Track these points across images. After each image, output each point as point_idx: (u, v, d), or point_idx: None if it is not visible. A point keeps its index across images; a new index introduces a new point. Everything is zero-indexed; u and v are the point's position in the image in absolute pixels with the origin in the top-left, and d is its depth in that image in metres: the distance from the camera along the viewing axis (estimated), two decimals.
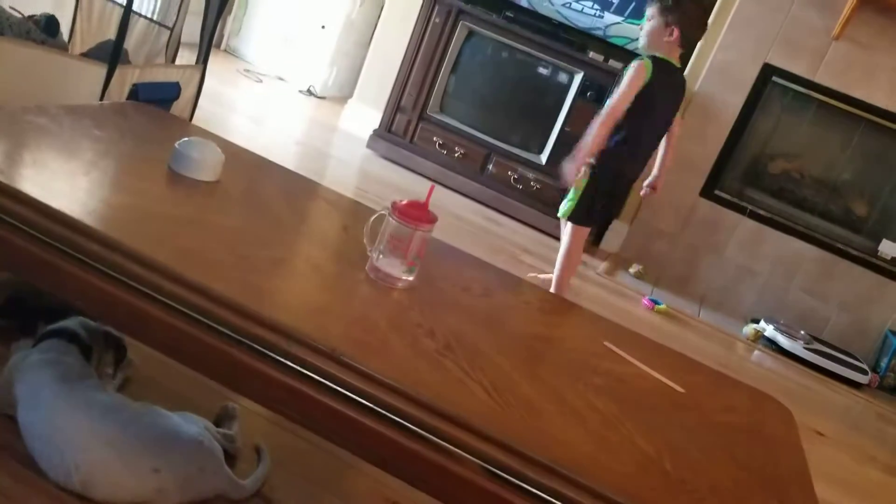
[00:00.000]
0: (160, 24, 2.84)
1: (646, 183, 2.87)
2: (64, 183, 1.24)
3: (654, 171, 2.86)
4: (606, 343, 1.48)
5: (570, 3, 3.90)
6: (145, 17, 2.90)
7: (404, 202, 1.33)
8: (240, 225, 1.37)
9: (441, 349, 1.17)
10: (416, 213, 1.32)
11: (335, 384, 1.02)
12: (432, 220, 1.34)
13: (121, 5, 2.53)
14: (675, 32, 2.53)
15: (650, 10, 2.59)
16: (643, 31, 2.62)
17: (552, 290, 2.82)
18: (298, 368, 1.02)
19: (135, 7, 2.81)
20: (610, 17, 3.77)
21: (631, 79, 2.51)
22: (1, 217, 1.10)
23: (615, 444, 1.10)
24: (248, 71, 4.76)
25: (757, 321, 3.64)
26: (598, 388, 1.28)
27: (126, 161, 1.46)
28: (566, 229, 2.80)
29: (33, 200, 1.11)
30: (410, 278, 1.36)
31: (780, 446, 1.34)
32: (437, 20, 3.90)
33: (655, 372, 1.44)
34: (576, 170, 2.53)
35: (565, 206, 2.73)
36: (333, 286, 1.30)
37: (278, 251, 1.34)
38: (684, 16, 2.53)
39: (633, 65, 2.54)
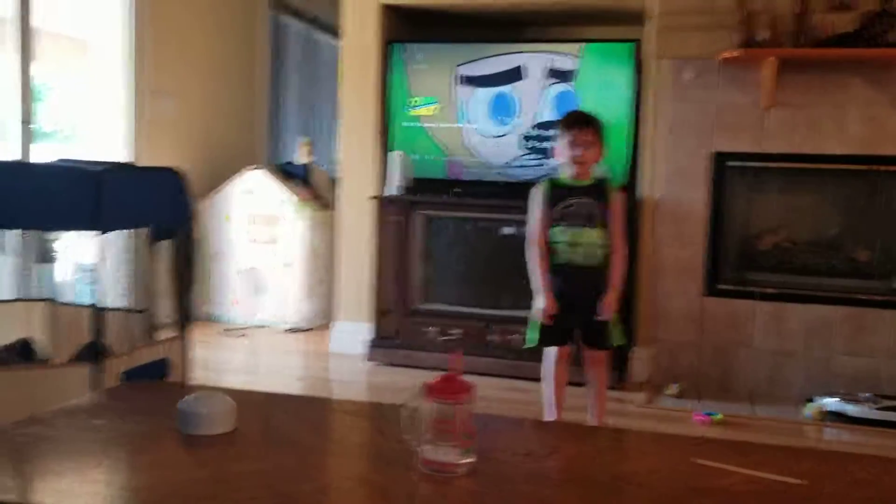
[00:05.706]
0: (133, 311, 2.80)
1: None
2: (75, 483, 1.11)
3: None
4: (697, 460, 1.33)
5: (510, 162, 3.99)
6: (117, 309, 2.86)
7: (435, 380, 1.22)
8: (272, 465, 1.23)
9: None
10: (454, 387, 1.20)
11: None
12: (470, 388, 1.23)
13: (87, 306, 2.50)
14: None
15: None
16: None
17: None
18: None
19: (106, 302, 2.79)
20: (552, 162, 3.83)
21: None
22: None
23: None
24: (228, 330, 4.72)
25: (812, 399, 3.45)
26: None
27: (134, 440, 1.33)
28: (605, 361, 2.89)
29: None
30: (470, 460, 1.22)
31: None
32: (392, 219, 3.94)
33: (762, 472, 1.29)
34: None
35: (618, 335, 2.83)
36: (391, 499, 1.15)
37: (320, 479, 1.20)
38: None
39: (620, 194, 2.83)
